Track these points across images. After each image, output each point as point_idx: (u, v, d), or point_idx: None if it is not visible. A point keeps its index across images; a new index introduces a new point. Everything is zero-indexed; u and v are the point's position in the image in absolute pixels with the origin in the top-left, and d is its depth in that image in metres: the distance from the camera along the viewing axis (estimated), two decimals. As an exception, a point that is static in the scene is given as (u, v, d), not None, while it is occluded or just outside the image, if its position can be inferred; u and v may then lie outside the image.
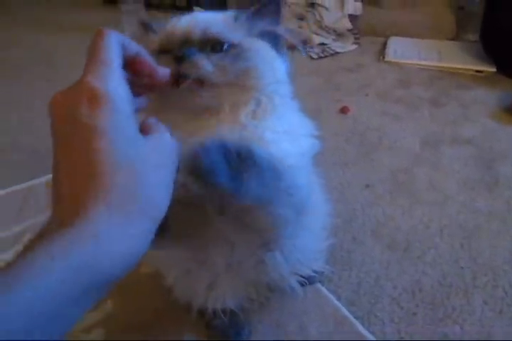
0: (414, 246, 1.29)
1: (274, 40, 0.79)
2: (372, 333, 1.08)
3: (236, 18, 0.76)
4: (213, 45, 0.72)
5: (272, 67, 0.76)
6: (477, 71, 2.22)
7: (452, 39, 2.57)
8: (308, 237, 0.95)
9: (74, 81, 0.53)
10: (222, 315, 1.04)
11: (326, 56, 2.46)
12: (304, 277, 0.99)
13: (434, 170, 1.59)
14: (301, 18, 2.72)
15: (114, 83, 0.54)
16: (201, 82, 0.70)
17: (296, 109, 0.85)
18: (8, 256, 1.36)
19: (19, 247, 1.38)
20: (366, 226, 1.36)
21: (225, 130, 0.70)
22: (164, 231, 0.56)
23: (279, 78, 0.78)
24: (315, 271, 1.09)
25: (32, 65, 2.51)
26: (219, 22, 0.75)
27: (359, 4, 2.63)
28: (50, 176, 1.50)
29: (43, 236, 0.48)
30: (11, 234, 1.46)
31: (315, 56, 2.43)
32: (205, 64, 0.70)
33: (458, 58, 2.33)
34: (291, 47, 2.32)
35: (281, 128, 0.74)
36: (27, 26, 3.01)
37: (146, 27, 0.80)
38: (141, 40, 0.76)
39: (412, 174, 1.57)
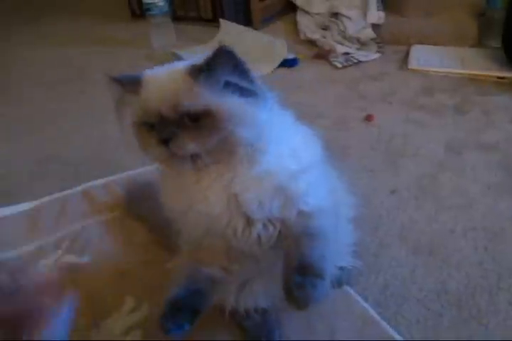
0: (439, 250, 1.33)
1: (242, 85, 0.82)
2: (399, 333, 1.12)
3: (194, 76, 0.79)
4: (188, 117, 0.79)
5: (249, 125, 0.81)
6: (500, 77, 2.24)
7: (474, 46, 2.59)
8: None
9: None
10: (254, 315, 1.09)
11: (350, 65, 2.50)
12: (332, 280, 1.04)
13: (459, 175, 1.62)
14: (325, 28, 2.77)
15: None
16: (191, 156, 0.81)
17: (296, 134, 0.95)
18: (49, 261, 1.43)
19: (59, 254, 1.46)
20: (392, 230, 1.40)
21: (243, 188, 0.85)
22: None
23: (261, 130, 0.83)
24: (341, 268, 1.15)
25: (65, 79, 2.59)
26: (183, 89, 0.79)
27: (382, 13, 2.67)
28: (85, 186, 1.56)
29: None
30: (50, 240, 1.52)
31: (339, 65, 2.48)
32: (187, 144, 0.79)
33: (480, 65, 2.35)
34: (318, 57, 2.36)
35: (287, 164, 0.88)
36: (56, 41, 3.10)
37: (121, 83, 0.87)
38: (120, 102, 0.89)
39: (436, 179, 1.60)
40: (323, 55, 2.56)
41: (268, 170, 0.86)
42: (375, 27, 2.66)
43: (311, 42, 2.74)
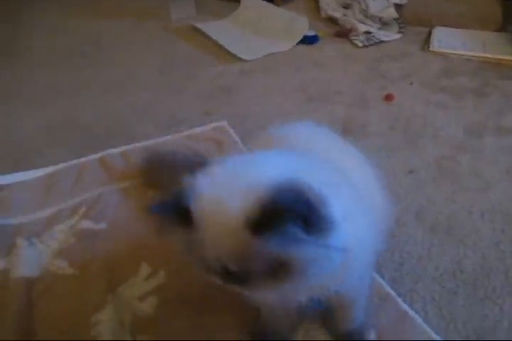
0: (455, 230, 1.33)
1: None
2: (414, 310, 1.13)
3: (254, 232, 0.63)
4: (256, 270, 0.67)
5: (325, 266, 0.70)
6: (522, 62, 2.22)
7: (498, 30, 2.55)
8: None
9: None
10: None
11: (371, 44, 2.47)
12: None
13: (477, 158, 1.61)
14: (346, 7, 2.73)
15: None
16: None
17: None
18: (65, 226, 1.45)
19: (76, 220, 1.47)
20: (409, 210, 1.40)
21: None
22: None
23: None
24: None
25: (84, 50, 2.57)
26: (243, 245, 0.64)
27: (405, -7, 2.64)
28: (102, 153, 1.56)
29: None
30: (67, 206, 1.53)
31: (360, 44, 2.45)
32: (260, 291, 0.73)
33: (503, 49, 2.32)
34: (339, 36, 2.33)
35: None
36: (77, 11, 3.06)
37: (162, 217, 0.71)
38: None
39: (455, 161, 1.60)
40: (344, 33, 2.53)
41: None
42: (397, 7, 2.62)
43: (332, 21, 2.70)
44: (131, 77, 2.22)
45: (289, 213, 0.61)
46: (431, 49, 2.37)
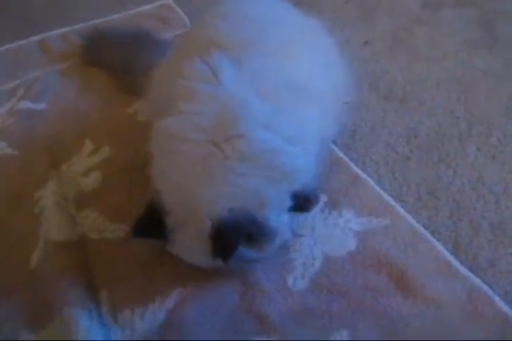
0: (410, 98, 1.29)
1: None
2: (367, 174, 1.10)
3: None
4: None
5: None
6: None
7: None
8: None
9: None
10: None
11: None
12: None
13: (435, 29, 1.54)
14: None
15: None
16: None
17: None
18: (3, 109, 1.40)
19: (14, 101, 1.41)
20: (363, 79, 1.35)
21: None
22: None
23: None
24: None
25: None
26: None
27: None
28: (41, 36, 1.46)
29: None
30: (4, 90, 1.48)
31: None
32: None
33: None
34: None
35: None
36: None
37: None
38: None
39: (411, 33, 1.53)
40: None
41: None
42: None
43: None
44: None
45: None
46: None
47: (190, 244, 0.86)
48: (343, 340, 0.85)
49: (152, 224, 0.85)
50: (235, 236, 0.80)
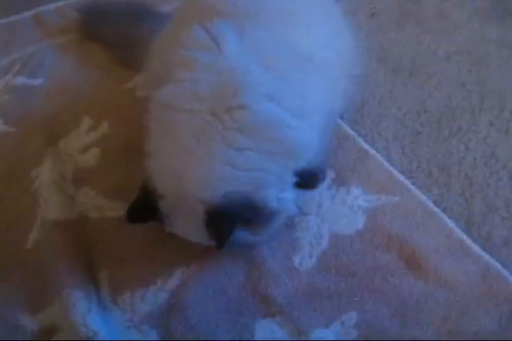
0: (420, 71, 1.24)
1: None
2: (375, 150, 1.07)
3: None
4: None
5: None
6: None
7: None
8: None
9: None
10: None
11: None
12: None
13: (444, 0, 1.49)
14: None
15: None
16: None
17: None
18: (0, 86, 1.35)
19: (9, 77, 1.37)
20: (370, 52, 1.30)
21: None
22: None
23: None
24: None
25: None
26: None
27: None
28: (36, 10, 1.41)
29: None
30: (0, 65, 1.43)
31: None
32: None
33: None
34: None
35: None
36: None
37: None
38: None
39: (419, 3, 1.47)
40: None
41: None
42: None
43: None
44: None
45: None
46: None
47: (187, 228, 0.83)
48: (351, 322, 0.82)
49: (146, 208, 0.82)
50: (230, 224, 0.77)
